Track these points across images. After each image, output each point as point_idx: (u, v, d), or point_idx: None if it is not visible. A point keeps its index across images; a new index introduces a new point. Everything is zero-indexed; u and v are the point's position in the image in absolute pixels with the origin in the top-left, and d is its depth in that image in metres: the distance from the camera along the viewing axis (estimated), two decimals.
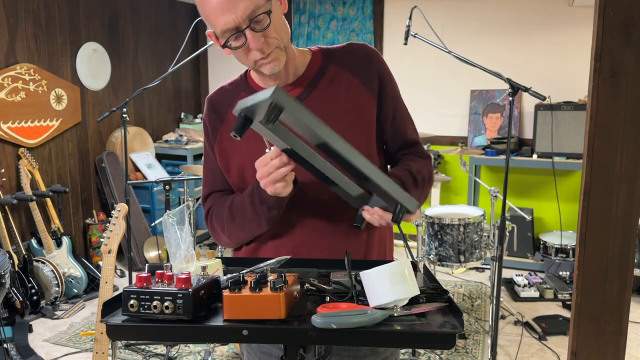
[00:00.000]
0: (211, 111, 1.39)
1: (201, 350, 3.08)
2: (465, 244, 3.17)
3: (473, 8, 4.66)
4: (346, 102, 1.31)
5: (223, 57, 5.45)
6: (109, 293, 2.17)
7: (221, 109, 1.38)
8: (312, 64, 1.34)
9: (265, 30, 1.18)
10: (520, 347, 3.13)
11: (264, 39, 1.20)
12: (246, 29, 1.17)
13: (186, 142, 5.03)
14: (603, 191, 1.04)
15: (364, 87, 1.32)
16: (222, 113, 1.38)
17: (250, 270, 1.08)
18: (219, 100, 1.39)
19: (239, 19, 1.16)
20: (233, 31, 1.18)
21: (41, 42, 3.97)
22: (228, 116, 1.37)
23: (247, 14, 1.16)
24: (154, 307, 0.92)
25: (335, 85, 1.32)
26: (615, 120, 1.02)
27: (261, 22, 1.18)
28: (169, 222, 1.08)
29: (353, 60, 1.35)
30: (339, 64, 1.34)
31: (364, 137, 1.32)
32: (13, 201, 3.54)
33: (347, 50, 1.37)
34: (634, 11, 0.98)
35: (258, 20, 1.17)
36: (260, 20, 1.18)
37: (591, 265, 1.06)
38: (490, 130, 4.67)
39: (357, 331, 0.89)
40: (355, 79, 1.33)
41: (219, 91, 1.42)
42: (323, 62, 1.35)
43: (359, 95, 1.32)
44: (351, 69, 1.34)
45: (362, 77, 1.33)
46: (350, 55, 1.35)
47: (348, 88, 1.32)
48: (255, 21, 1.17)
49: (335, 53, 1.37)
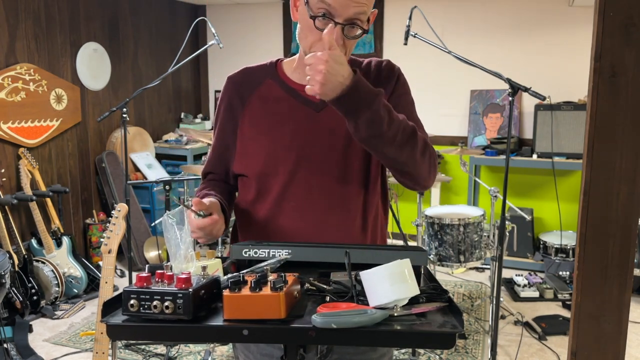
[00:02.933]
0: (233, 91, 1.40)
1: (201, 350, 3.08)
2: (465, 244, 3.17)
3: (473, 8, 4.66)
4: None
5: (223, 57, 5.45)
6: (109, 293, 2.17)
7: (244, 91, 1.39)
8: None
9: (349, 38, 1.21)
10: (520, 347, 3.13)
11: (342, 41, 1.21)
12: (339, 25, 1.19)
13: (186, 142, 5.03)
14: (603, 191, 1.04)
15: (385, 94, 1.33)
16: (244, 95, 1.38)
17: (250, 270, 1.08)
18: (241, 81, 1.40)
19: (348, 13, 1.18)
20: (331, 16, 1.19)
21: (41, 42, 3.97)
22: (250, 100, 1.37)
23: (354, 14, 1.19)
24: (154, 307, 0.92)
25: None
26: (615, 120, 1.02)
27: (354, 30, 1.21)
28: (169, 222, 1.08)
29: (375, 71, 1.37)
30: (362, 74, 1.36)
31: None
32: (13, 201, 3.54)
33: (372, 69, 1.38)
34: (634, 11, 0.98)
35: (354, 26, 1.20)
36: (354, 28, 1.21)
37: (591, 265, 1.06)
38: (490, 130, 4.67)
39: (357, 331, 0.89)
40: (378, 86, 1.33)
41: (242, 72, 1.43)
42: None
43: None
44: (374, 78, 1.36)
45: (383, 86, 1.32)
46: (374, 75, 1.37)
47: None
48: (351, 25, 1.20)
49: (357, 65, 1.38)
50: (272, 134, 1.34)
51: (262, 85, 1.37)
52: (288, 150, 1.32)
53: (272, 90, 1.36)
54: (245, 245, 1.17)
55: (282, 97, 1.33)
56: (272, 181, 1.34)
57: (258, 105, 1.37)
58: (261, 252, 1.16)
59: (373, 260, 1.10)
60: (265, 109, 1.36)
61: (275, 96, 1.35)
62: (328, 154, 1.32)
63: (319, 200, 1.32)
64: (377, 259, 1.09)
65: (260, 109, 1.36)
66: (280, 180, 1.33)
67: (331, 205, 1.33)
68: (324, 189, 1.32)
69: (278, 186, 1.33)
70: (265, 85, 1.37)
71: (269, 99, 1.36)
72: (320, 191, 1.32)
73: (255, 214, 1.37)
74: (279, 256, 1.14)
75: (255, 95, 1.37)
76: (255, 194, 1.37)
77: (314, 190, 1.32)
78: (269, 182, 1.34)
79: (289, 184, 1.32)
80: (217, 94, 5.64)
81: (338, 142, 1.32)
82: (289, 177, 1.32)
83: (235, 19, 5.40)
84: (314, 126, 1.32)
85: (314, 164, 1.32)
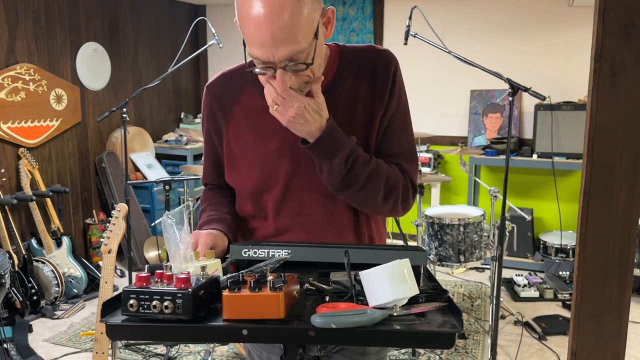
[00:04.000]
0: (213, 102, 1.35)
1: (201, 350, 3.08)
2: (465, 244, 3.17)
3: (473, 8, 4.66)
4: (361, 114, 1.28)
5: (223, 57, 5.45)
6: (108, 293, 2.17)
7: (225, 102, 1.34)
8: (329, 67, 1.29)
9: (296, 73, 1.13)
10: (520, 347, 3.13)
11: (295, 77, 1.14)
12: (280, 69, 1.11)
13: (186, 142, 5.03)
14: (603, 191, 1.04)
15: (378, 99, 1.28)
16: (225, 106, 1.34)
17: (249, 270, 1.08)
18: (220, 91, 1.35)
19: (275, 59, 1.10)
20: (264, 64, 1.12)
21: (41, 42, 3.97)
22: (232, 111, 1.33)
23: (285, 58, 1.10)
24: (153, 307, 0.92)
25: (351, 95, 1.28)
26: (615, 120, 1.02)
27: (298, 67, 1.12)
28: (168, 222, 1.08)
29: (372, 71, 1.29)
30: (357, 71, 1.29)
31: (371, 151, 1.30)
32: (13, 201, 3.54)
33: (368, 57, 1.30)
34: (634, 11, 0.98)
35: (295, 66, 1.12)
36: (297, 66, 1.12)
37: (591, 265, 1.06)
38: (490, 130, 4.67)
39: (356, 331, 0.89)
40: (372, 89, 1.29)
41: (220, 79, 1.37)
42: (340, 66, 1.29)
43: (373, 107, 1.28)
44: (369, 80, 1.29)
45: (379, 88, 1.29)
46: (369, 64, 1.29)
47: (363, 98, 1.28)
48: (292, 65, 1.12)
49: (354, 57, 1.30)
50: (260, 150, 1.30)
51: (243, 94, 1.32)
52: (277, 166, 1.29)
53: (254, 100, 1.31)
54: (245, 245, 1.17)
55: (265, 108, 1.22)
56: (266, 198, 1.32)
57: (241, 118, 1.32)
58: (260, 252, 1.16)
59: (372, 260, 1.10)
60: (249, 122, 1.31)
61: (258, 108, 1.28)
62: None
63: (314, 214, 1.31)
64: (377, 259, 1.09)
65: (244, 122, 1.32)
66: (273, 196, 1.31)
67: (326, 218, 1.31)
68: (318, 202, 1.30)
69: (272, 203, 1.32)
70: (246, 95, 1.32)
71: (253, 111, 1.31)
72: (315, 204, 1.30)
73: (255, 230, 1.38)
74: (278, 256, 1.14)
75: (237, 107, 1.32)
76: (252, 210, 1.36)
77: (307, 204, 1.30)
78: (263, 200, 1.33)
79: (282, 200, 1.31)
80: None
81: None
82: (281, 193, 1.30)
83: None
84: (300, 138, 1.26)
85: (305, 178, 1.29)
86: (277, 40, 1.07)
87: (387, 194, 1.27)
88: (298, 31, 1.08)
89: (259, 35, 1.08)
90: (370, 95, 1.28)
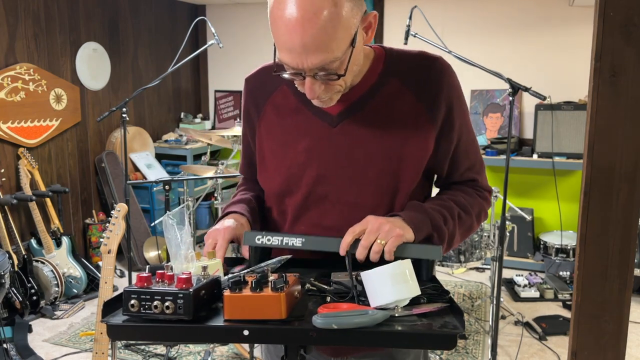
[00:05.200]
0: (248, 96, 1.32)
1: (201, 351, 3.08)
2: (466, 244, 3.17)
3: (473, 8, 4.66)
4: (401, 127, 1.18)
5: (223, 57, 5.45)
6: (108, 293, 2.17)
7: (258, 97, 1.30)
8: (371, 71, 1.20)
9: (326, 82, 1.07)
10: (520, 347, 3.13)
11: (325, 86, 1.08)
12: (308, 76, 1.05)
13: (186, 142, 5.03)
14: (603, 191, 1.04)
15: (427, 113, 1.18)
16: (258, 102, 1.30)
17: (250, 270, 1.08)
18: (256, 86, 1.31)
19: (304, 67, 1.04)
20: (293, 69, 1.06)
21: (41, 42, 3.97)
22: (264, 108, 1.29)
23: (315, 67, 1.03)
24: (154, 307, 0.92)
25: (392, 104, 1.18)
26: (615, 120, 1.02)
27: (329, 77, 1.05)
28: (169, 222, 1.08)
29: (421, 80, 1.18)
30: (404, 79, 1.19)
31: (409, 171, 1.20)
32: (13, 201, 3.54)
33: (418, 65, 1.20)
34: (634, 11, 0.98)
35: (326, 75, 1.05)
36: (328, 76, 1.05)
37: (591, 265, 1.06)
38: (490, 130, 4.67)
39: (358, 331, 0.89)
40: (419, 102, 1.18)
41: (258, 73, 1.32)
42: (383, 72, 1.20)
43: (418, 120, 1.18)
44: (417, 90, 1.18)
45: (428, 101, 1.18)
46: (419, 73, 1.19)
47: (407, 110, 1.18)
48: (323, 75, 1.05)
49: (402, 62, 1.21)
50: (288, 149, 1.25)
51: (277, 91, 1.27)
52: (303, 170, 1.23)
53: (286, 99, 1.25)
54: (259, 232, 1.16)
55: (297, 108, 1.20)
56: (288, 202, 1.28)
57: (273, 115, 1.27)
58: (275, 240, 1.14)
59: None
60: (279, 120, 1.26)
61: (290, 107, 1.24)
62: (344, 172, 1.21)
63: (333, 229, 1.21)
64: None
65: (275, 119, 1.27)
66: (295, 201, 1.26)
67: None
68: (341, 215, 1.22)
69: (292, 207, 1.27)
70: (279, 92, 1.26)
71: (284, 109, 1.26)
72: (337, 217, 1.23)
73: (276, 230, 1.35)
74: (292, 244, 1.13)
75: (269, 104, 1.27)
76: (274, 212, 1.33)
77: (328, 215, 1.23)
78: (285, 203, 1.29)
79: (303, 206, 1.25)
80: (216, 94, 5.64)
81: (355, 160, 1.20)
82: (303, 199, 1.25)
83: (235, 19, 5.40)
84: (329, 143, 1.21)
85: (330, 187, 1.22)
86: (307, 48, 1.00)
87: (477, 220, 1.31)
88: (332, 39, 1.01)
89: (289, 40, 1.01)
90: (416, 108, 1.19)
